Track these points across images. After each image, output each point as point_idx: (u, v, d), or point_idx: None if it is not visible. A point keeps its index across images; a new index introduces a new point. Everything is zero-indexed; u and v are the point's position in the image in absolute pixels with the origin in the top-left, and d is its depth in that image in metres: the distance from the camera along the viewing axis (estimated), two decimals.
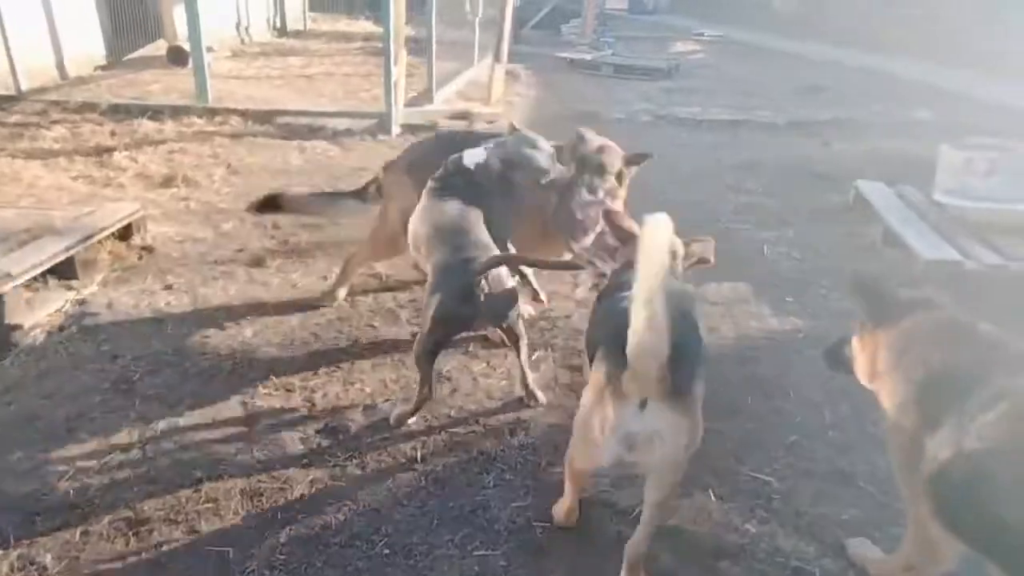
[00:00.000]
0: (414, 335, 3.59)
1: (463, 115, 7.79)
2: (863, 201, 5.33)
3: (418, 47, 8.97)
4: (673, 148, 7.47)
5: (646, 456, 1.91)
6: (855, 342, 2.25)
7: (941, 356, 1.92)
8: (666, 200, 3.50)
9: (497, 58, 7.90)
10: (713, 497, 2.57)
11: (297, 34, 13.95)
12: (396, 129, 7.30)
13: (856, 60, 12.89)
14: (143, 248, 4.37)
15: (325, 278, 4.16)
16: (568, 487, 2.36)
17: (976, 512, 1.67)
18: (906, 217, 4.78)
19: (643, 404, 1.84)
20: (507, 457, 2.76)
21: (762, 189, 6.14)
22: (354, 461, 2.73)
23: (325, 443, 2.82)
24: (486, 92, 8.67)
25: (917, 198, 5.13)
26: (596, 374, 1.99)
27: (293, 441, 2.82)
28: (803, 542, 2.39)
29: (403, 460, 2.74)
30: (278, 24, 13.90)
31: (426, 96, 8.37)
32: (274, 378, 3.20)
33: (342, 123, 7.41)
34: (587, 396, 2.03)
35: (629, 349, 1.76)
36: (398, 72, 7.04)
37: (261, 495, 2.55)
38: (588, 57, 12.16)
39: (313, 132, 7.15)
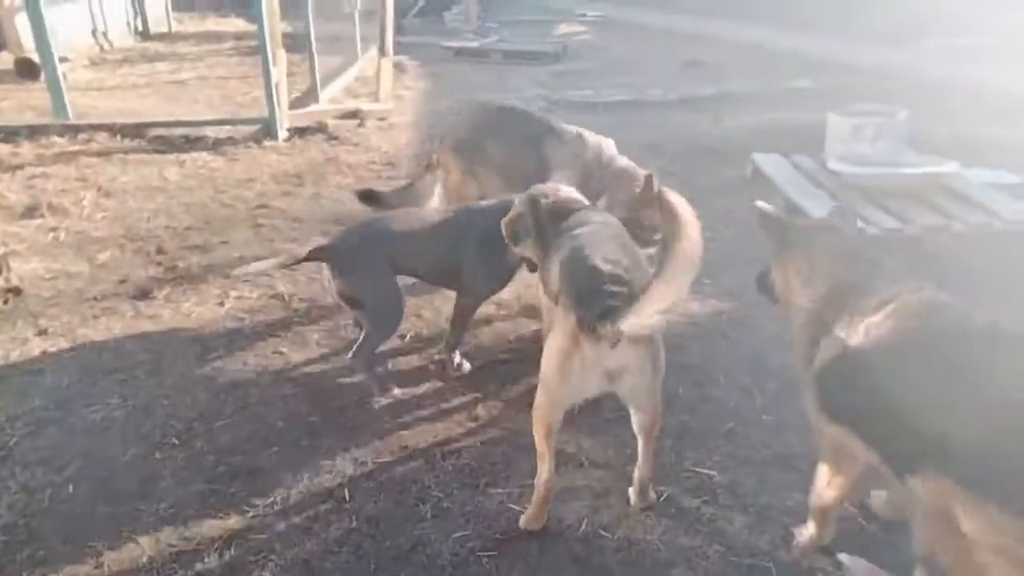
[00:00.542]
0: (324, 356, 3.38)
1: (353, 113, 7.48)
2: (761, 174, 5.42)
3: (295, 43, 8.55)
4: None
5: (622, 386, 2.21)
6: (773, 271, 2.40)
7: (839, 272, 2.14)
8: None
9: (383, 51, 7.61)
10: (659, 498, 2.49)
11: (162, 37, 13.10)
12: (283, 133, 6.91)
13: (730, 33, 13.26)
14: (8, 290, 3.91)
15: (221, 304, 3.84)
16: (542, 449, 2.29)
17: (858, 400, 1.90)
18: (804, 187, 4.88)
19: (614, 344, 2.08)
20: (443, 484, 2.59)
21: (665, 169, 6.16)
22: (275, 508, 2.49)
23: (240, 492, 2.56)
24: (375, 87, 8.36)
25: (812, 167, 5.25)
26: (569, 321, 2.13)
27: (203, 494, 2.55)
28: (753, 536, 2.34)
29: (329, 501, 2.52)
30: (139, 27, 13.01)
31: (311, 95, 7.98)
32: (175, 423, 2.91)
33: (222, 131, 6.97)
34: (560, 340, 2.17)
35: (635, 320, 1.98)
36: (278, 72, 6.65)
37: (174, 561, 2.28)
38: (475, 44, 11.99)
39: (191, 143, 6.68)
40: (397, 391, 3.10)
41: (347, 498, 2.53)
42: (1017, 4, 11.03)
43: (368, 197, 3.87)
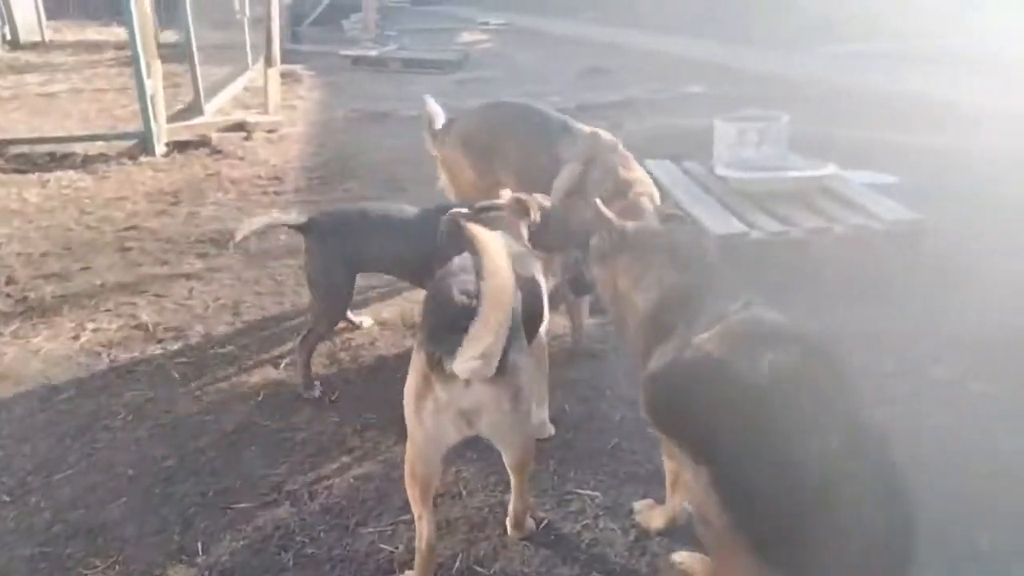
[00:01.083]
0: (187, 391, 3.12)
1: (239, 125, 7.14)
2: (654, 180, 5.42)
3: (180, 53, 8.11)
4: None
5: (482, 427, 2.04)
6: (596, 268, 2.40)
7: (672, 279, 2.12)
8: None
9: (269, 61, 7.29)
10: (538, 526, 2.36)
11: (34, 46, 12.29)
12: (161, 148, 6.52)
13: (632, 40, 13.50)
14: None
15: (76, 338, 3.51)
16: (418, 510, 2.09)
17: (681, 410, 1.87)
18: (693, 193, 4.89)
19: (468, 382, 1.93)
20: (308, 526, 2.38)
21: None
22: (116, 570, 2.23)
23: (77, 553, 2.29)
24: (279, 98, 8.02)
25: (701, 173, 5.28)
26: (419, 356, 2.01)
27: (32, 559, 2.27)
28: (633, 559, 2.23)
29: (179, 557, 2.28)
30: (7, 36, 12.12)
31: (196, 107, 7.58)
32: (6, 479, 2.60)
33: (94, 147, 6.52)
34: (412, 381, 2.04)
35: (471, 353, 1.83)
36: (153, 84, 6.26)
37: None
38: (373, 53, 11.75)
39: (57, 161, 6.22)
40: (317, 392, 3.07)
41: (200, 551, 2.29)
42: (906, 9, 11.64)
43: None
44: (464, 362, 1.84)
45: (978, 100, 7.47)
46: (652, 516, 2.33)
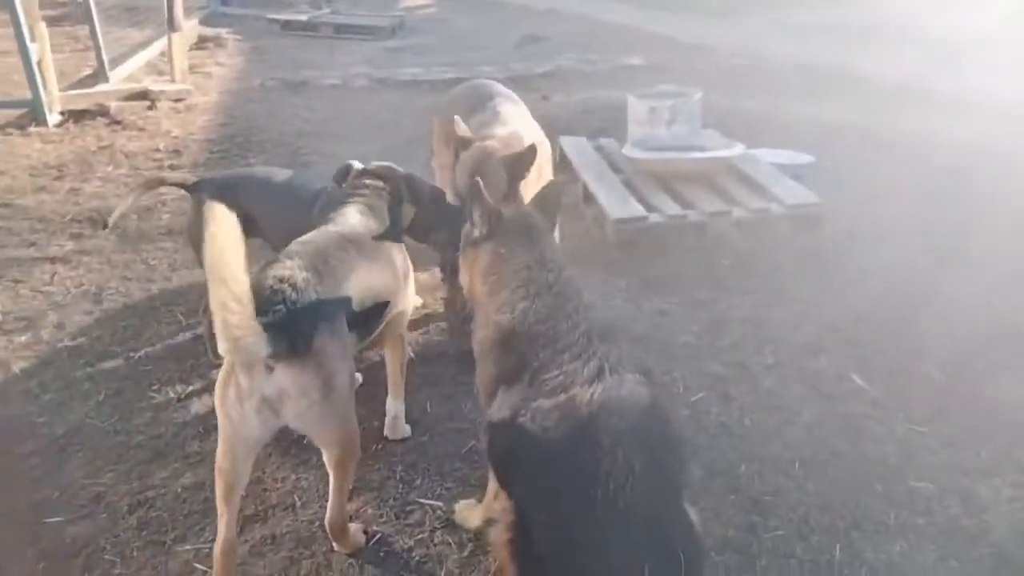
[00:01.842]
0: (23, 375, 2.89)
1: (143, 94, 6.76)
2: (566, 158, 5.26)
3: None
4: (388, 114, 7.06)
5: (287, 417, 1.93)
6: (461, 257, 2.17)
7: (528, 306, 1.88)
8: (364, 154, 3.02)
9: (171, 25, 6.89)
10: (368, 541, 2.22)
11: None
12: (54, 118, 6.13)
13: (572, 7, 13.18)
14: None
15: None
16: (220, 508, 1.96)
17: (507, 464, 1.79)
18: (601, 173, 4.74)
19: (270, 368, 1.85)
20: (121, 544, 2.21)
21: None
22: None
23: None
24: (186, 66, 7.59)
25: (614, 151, 5.13)
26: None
27: None
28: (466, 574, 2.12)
29: None
30: None
31: (100, 74, 7.15)
32: None
33: None
34: (222, 370, 1.95)
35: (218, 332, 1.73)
36: (39, 49, 5.86)
37: None
38: (304, 18, 11.25)
39: None
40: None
41: None
42: None
43: None
44: (220, 342, 1.74)
45: (907, 78, 7.42)
46: (470, 516, 2.24)
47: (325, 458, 2.06)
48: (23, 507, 2.34)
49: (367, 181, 2.60)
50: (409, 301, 2.63)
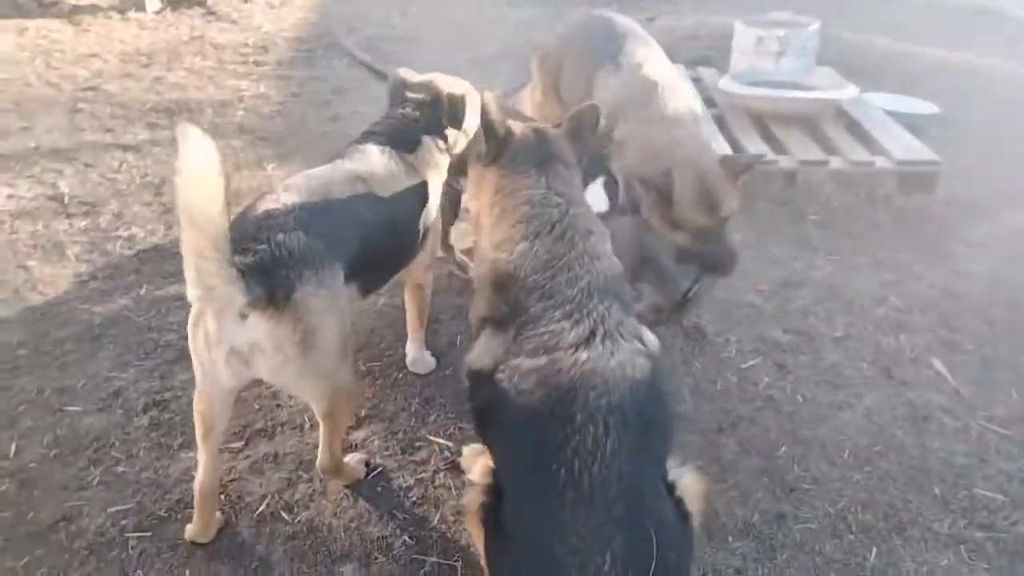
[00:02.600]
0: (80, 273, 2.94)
1: None
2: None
3: None
4: (483, 24, 6.76)
5: (261, 370, 1.77)
6: (468, 180, 2.02)
7: (528, 248, 1.69)
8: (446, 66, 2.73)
9: None
10: (368, 474, 2.14)
11: None
12: (154, 4, 6.18)
13: None
14: None
15: None
16: (199, 448, 1.88)
17: (483, 423, 1.69)
18: None
19: (243, 315, 1.67)
20: (130, 442, 2.22)
21: None
22: None
23: None
24: None
25: (711, 83, 4.71)
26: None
27: None
28: (456, 530, 2.01)
29: None
30: None
31: None
32: None
33: None
34: (192, 311, 1.77)
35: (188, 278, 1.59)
36: None
37: None
38: None
39: (44, 8, 5.95)
40: None
41: (11, 453, 2.16)
42: None
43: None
44: (189, 287, 1.60)
45: None
46: (471, 464, 2.08)
47: (314, 409, 1.94)
48: (49, 391, 2.38)
49: (410, 100, 2.36)
50: (429, 251, 2.37)
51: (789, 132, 3.99)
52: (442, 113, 2.31)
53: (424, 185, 2.25)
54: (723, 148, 3.77)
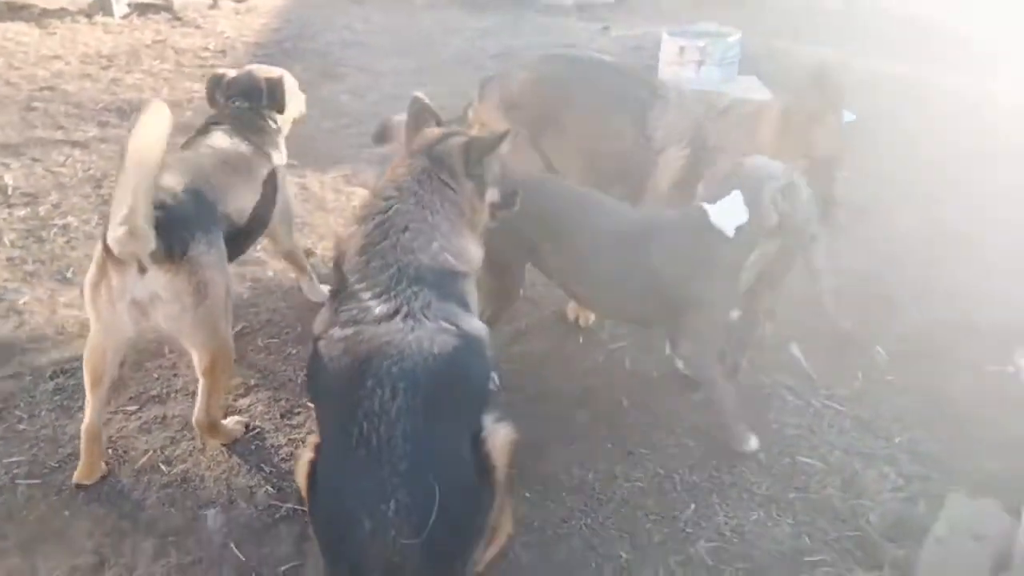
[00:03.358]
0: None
1: None
2: None
3: None
4: (440, 32, 7.00)
5: (158, 320, 2.02)
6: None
7: (349, 237, 1.93)
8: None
9: None
10: (248, 430, 2.38)
11: None
12: (122, 9, 6.44)
13: None
14: None
15: None
16: (88, 395, 2.13)
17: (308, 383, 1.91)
18: None
19: (143, 270, 1.94)
20: (35, 403, 2.46)
21: None
22: None
23: None
24: None
25: None
26: (98, 245, 2.01)
27: None
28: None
29: None
30: None
31: None
32: None
33: (57, 1, 6.46)
34: (91, 269, 2.04)
35: (114, 220, 1.86)
36: None
37: None
38: None
39: (13, 12, 6.20)
40: None
41: None
42: None
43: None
44: (111, 230, 1.84)
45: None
46: None
47: (195, 363, 2.17)
48: None
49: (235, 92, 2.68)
50: (284, 220, 2.73)
51: None
52: (263, 98, 2.65)
53: (270, 162, 2.59)
54: None
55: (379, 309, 1.76)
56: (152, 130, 1.82)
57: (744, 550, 2.11)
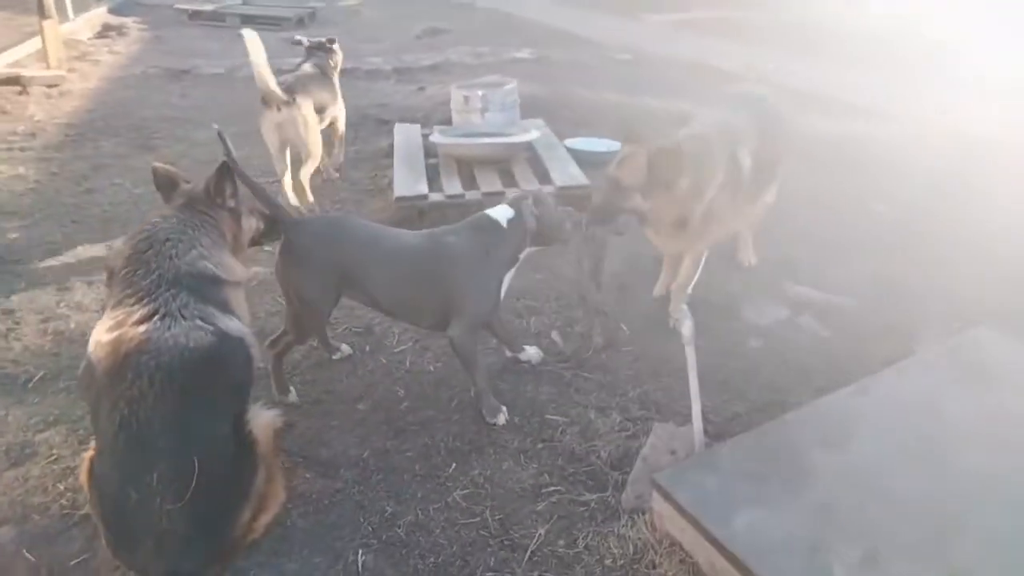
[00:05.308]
0: None
1: (15, 79, 7.00)
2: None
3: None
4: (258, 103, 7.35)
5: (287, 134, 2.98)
6: None
7: (118, 251, 2.27)
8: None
9: (42, 12, 7.12)
10: None
11: None
12: None
13: (486, 2, 13.56)
14: None
15: None
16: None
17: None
18: (412, 157, 5.11)
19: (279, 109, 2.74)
20: None
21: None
22: None
23: None
24: (79, 51, 7.86)
25: (440, 139, 5.50)
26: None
27: None
28: None
29: None
30: None
31: None
32: None
33: None
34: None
35: None
36: None
37: None
38: (211, 7, 11.48)
39: None
40: None
41: None
42: None
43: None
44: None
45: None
46: None
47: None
48: None
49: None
50: None
51: (485, 172, 4.80)
52: None
53: None
54: (419, 188, 4.51)
55: (140, 312, 2.06)
56: None
57: (493, 491, 2.51)
